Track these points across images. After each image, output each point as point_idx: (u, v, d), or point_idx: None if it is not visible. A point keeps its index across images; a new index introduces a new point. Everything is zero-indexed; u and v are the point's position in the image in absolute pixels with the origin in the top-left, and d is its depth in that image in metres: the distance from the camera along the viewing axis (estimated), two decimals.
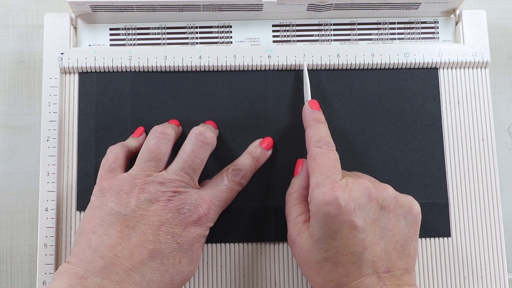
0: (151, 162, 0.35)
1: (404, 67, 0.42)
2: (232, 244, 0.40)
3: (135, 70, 0.41)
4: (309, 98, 0.39)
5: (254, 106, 0.41)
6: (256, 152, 0.39)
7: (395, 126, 0.41)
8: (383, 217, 0.33)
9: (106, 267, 0.32)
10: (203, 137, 0.36)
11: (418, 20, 0.43)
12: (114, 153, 0.37)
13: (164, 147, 0.36)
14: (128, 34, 0.42)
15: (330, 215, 0.32)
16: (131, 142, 0.38)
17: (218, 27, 0.43)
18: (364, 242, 0.32)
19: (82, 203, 0.39)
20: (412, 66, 0.42)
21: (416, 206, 0.35)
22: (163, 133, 0.36)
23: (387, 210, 0.33)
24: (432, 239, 0.40)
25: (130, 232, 0.33)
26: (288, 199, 0.37)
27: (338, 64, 0.41)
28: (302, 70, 0.41)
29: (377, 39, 0.43)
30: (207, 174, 0.38)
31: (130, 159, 0.38)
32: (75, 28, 0.42)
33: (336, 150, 0.40)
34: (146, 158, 0.35)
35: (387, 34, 0.43)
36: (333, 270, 0.32)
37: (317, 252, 0.33)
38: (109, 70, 0.41)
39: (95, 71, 0.41)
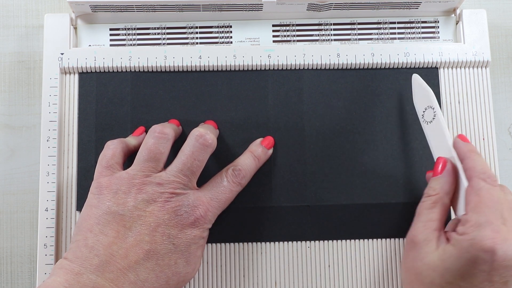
0: (149, 163, 0.35)
1: (404, 66, 0.42)
2: (232, 244, 0.40)
3: (135, 70, 0.41)
4: (447, 132, 0.37)
5: (254, 106, 0.41)
6: (257, 151, 0.39)
7: (395, 126, 0.41)
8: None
9: (102, 265, 0.32)
10: (203, 139, 0.36)
11: (418, 20, 0.43)
12: (112, 149, 0.36)
13: (162, 147, 0.36)
14: (128, 34, 0.42)
15: (478, 261, 0.31)
16: (131, 139, 0.38)
17: (218, 27, 0.43)
18: None
19: (82, 203, 0.39)
20: (413, 66, 0.42)
21: None
22: (162, 133, 0.36)
23: None
24: None
25: (127, 232, 0.33)
26: (425, 200, 0.35)
27: (338, 64, 0.41)
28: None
29: (377, 38, 0.43)
30: (207, 174, 0.38)
31: (128, 157, 0.38)
32: (75, 28, 0.42)
33: (336, 150, 0.41)
34: (145, 158, 0.35)
35: (387, 33, 0.43)
36: None
37: (438, 277, 0.32)
38: (109, 70, 0.41)
39: (95, 71, 0.41)
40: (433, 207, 0.35)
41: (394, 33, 0.43)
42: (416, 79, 0.40)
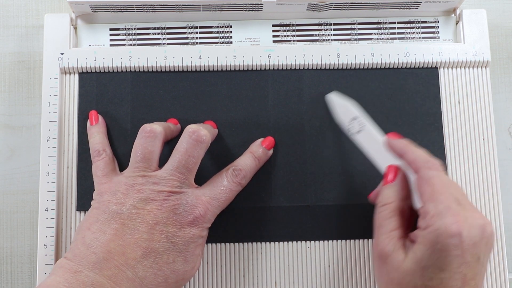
0: (141, 163, 0.36)
1: (404, 66, 0.42)
2: (232, 244, 0.40)
3: (135, 70, 0.41)
4: (379, 135, 0.37)
5: (254, 106, 0.41)
6: (258, 151, 0.39)
7: (395, 125, 0.41)
8: (486, 254, 0.32)
9: (99, 262, 0.32)
10: (196, 135, 0.36)
11: (419, 20, 0.43)
12: (102, 160, 0.38)
13: (150, 146, 0.36)
14: (128, 34, 0.42)
15: (449, 248, 0.31)
16: (105, 143, 0.39)
17: (218, 27, 0.43)
18: (465, 277, 0.31)
19: (82, 203, 0.39)
20: (413, 66, 0.42)
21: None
22: (148, 132, 0.36)
23: (489, 246, 0.32)
24: None
25: (125, 229, 0.33)
26: (382, 210, 0.34)
27: (338, 64, 0.41)
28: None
29: (377, 38, 0.43)
30: (207, 174, 0.38)
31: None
32: (75, 28, 0.42)
33: (336, 150, 0.41)
34: (136, 159, 0.36)
35: (387, 33, 0.43)
36: None
37: (418, 279, 0.31)
38: (109, 70, 0.41)
39: (95, 71, 0.41)
40: (392, 215, 0.34)
41: (394, 33, 0.43)
42: (331, 98, 0.39)
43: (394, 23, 0.43)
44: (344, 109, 0.39)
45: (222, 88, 0.41)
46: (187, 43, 0.42)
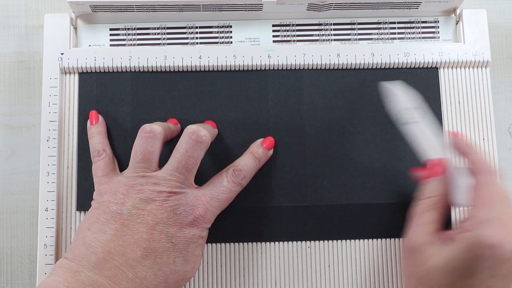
0: (141, 163, 0.36)
1: (404, 66, 0.42)
2: (232, 244, 0.40)
3: (135, 70, 0.41)
4: (434, 129, 0.37)
5: (254, 106, 0.41)
6: (258, 152, 0.39)
7: (395, 126, 0.41)
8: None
9: (99, 262, 0.32)
10: (196, 135, 0.36)
11: (419, 20, 0.43)
12: (102, 159, 0.38)
13: (150, 146, 0.36)
14: (128, 34, 0.42)
15: (484, 257, 0.31)
16: (104, 143, 0.39)
17: (218, 27, 0.43)
18: None
19: (82, 203, 0.39)
20: (413, 66, 0.42)
21: None
22: (148, 132, 0.36)
23: None
24: None
25: (125, 230, 0.33)
26: (423, 202, 0.35)
27: (338, 64, 0.41)
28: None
29: (377, 38, 0.43)
30: (207, 174, 0.38)
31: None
32: (75, 28, 0.42)
33: (336, 150, 0.41)
34: (136, 160, 0.36)
35: (387, 33, 0.43)
36: None
37: (444, 278, 0.31)
38: (109, 70, 0.41)
39: (95, 71, 0.41)
40: (431, 209, 0.34)
41: (394, 33, 0.43)
42: (388, 87, 0.39)
43: (394, 23, 0.43)
44: (402, 98, 0.38)
45: (222, 88, 0.41)
46: (187, 43, 0.42)
